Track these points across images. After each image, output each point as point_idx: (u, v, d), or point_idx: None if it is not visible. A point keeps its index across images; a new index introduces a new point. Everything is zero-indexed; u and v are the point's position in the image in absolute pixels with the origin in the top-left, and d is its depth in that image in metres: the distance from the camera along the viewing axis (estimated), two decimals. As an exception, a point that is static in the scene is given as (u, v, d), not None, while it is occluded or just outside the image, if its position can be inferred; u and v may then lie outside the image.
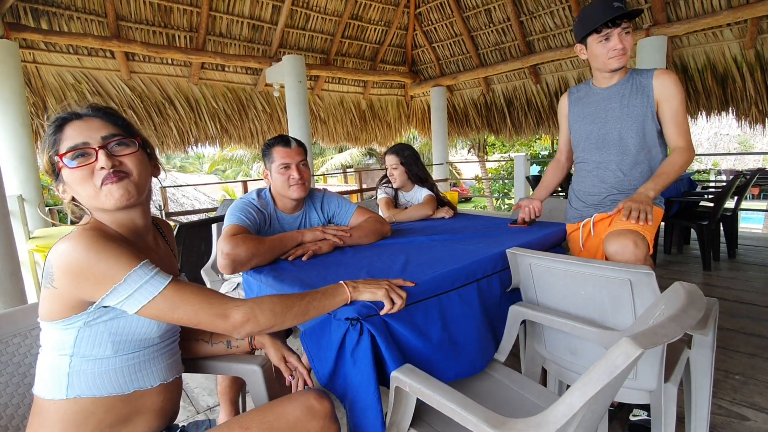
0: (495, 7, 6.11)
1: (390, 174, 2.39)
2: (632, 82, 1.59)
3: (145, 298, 0.77)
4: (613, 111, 1.61)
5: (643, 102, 1.56)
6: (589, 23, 1.55)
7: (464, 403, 0.77)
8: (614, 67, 1.56)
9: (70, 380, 0.81)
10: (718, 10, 4.52)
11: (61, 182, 0.84)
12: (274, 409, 0.86)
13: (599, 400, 0.68)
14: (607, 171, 1.64)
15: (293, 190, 1.57)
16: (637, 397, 1.14)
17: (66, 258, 0.74)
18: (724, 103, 5.26)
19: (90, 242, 0.75)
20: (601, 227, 1.63)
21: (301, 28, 6.08)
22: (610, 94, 1.62)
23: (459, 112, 7.94)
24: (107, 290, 0.75)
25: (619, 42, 1.52)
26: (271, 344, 1.11)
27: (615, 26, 1.51)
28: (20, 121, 3.80)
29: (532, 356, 1.38)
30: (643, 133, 1.58)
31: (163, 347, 0.92)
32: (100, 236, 0.77)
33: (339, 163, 18.81)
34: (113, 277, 0.75)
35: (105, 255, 0.74)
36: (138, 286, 0.76)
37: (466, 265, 1.25)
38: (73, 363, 0.81)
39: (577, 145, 1.76)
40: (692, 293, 0.80)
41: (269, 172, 1.61)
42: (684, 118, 1.53)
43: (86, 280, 0.74)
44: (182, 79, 5.65)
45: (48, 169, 0.84)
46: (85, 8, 4.56)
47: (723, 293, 2.88)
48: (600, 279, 1.10)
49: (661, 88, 1.54)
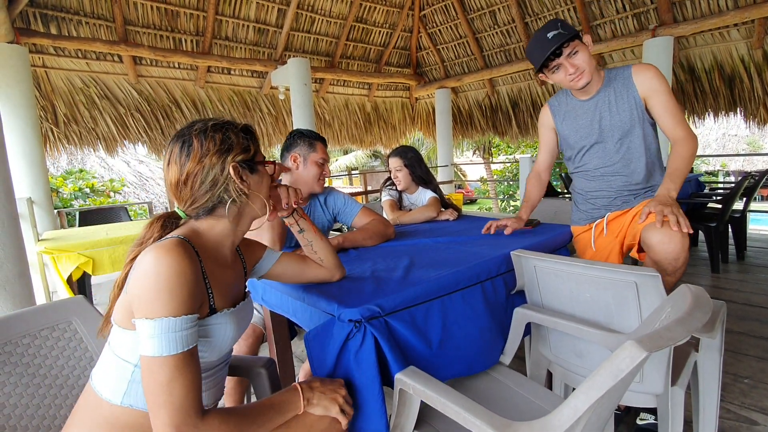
0: (500, 8, 6.12)
1: (394, 176, 2.39)
2: (613, 87, 1.56)
3: (153, 350, 0.72)
4: (605, 120, 1.58)
5: (630, 104, 1.54)
6: (534, 61, 1.55)
7: (468, 406, 0.77)
8: (580, 87, 1.54)
9: (129, 388, 0.82)
10: (725, 10, 4.49)
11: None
12: None
13: (604, 404, 0.68)
14: (613, 176, 1.63)
15: (320, 185, 1.72)
16: (644, 400, 1.12)
17: (145, 267, 0.75)
18: (731, 104, 5.22)
19: (181, 266, 0.75)
20: (615, 226, 1.61)
21: (306, 31, 6.12)
22: (596, 104, 1.60)
23: (464, 113, 7.94)
24: (140, 316, 0.74)
25: (570, 66, 1.50)
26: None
27: (558, 56, 1.49)
28: (30, 125, 3.85)
29: (537, 359, 1.37)
30: (639, 133, 1.56)
31: (216, 371, 0.93)
32: (190, 265, 0.76)
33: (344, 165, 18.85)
34: (152, 309, 0.73)
35: (167, 285, 0.74)
36: (159, 332, 0.72)
37: (470, 267, 1.25)
38: (136, 373, 0.82)
39: (572, 155, 1.74)
40: (699, 296, 0.80)
41: (303, 159, 1.69)
42: (676, 107, 1.49)
43: (139, 295, 0.74)
44: (189, 83, 5.70)
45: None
46: (93, 13, 4.62)
47: (732, 296, 2.85)
48: (605, 281, 1.09)
49: (643, 83, 1.51)
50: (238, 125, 0.93)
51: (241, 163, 0.90)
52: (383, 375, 0.97)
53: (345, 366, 0.99)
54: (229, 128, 0.90)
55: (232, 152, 0.88)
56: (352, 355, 0.97)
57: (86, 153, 5.37)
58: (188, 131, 0.89)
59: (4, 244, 2.20)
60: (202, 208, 0.89)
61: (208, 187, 0.87)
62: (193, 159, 0.86)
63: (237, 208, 0.91)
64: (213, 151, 0.87)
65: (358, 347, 0.96)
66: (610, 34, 5.40)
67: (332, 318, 1.02)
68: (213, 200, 0.88)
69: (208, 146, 0.87)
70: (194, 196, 0.88)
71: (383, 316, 1.01)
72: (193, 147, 0.87)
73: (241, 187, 0.89)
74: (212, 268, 0.88)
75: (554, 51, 1.47)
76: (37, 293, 2.72)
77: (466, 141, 9.13)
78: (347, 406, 0.92)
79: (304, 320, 1.20)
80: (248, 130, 0.94)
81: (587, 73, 1.51)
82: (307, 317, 1.17)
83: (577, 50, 1.49)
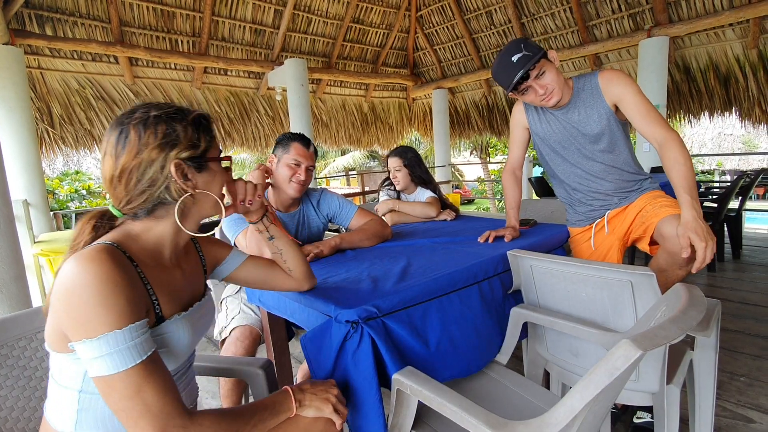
0: (496, 9, 6.13)
1: (393, 176, 2.39)
2: (582, 97, 1.55)
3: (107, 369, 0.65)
4: (579, 129, 1.57)
5: (599, 113, 1.52)
6: (502, 85, 1.53)
7: (465, 406, 0.77)
8: (551, 105, 1.53)
9: (78, 417, 0.75)
10: (720, 10, 4.51)
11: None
12: None
13: (600, 402, 0.68)
14: (602, 179, 1.62)
15: (291, 187, 1.63)
16: (639, 399, 1.13)
17: (66, 282, 0.66)
18: (727, 103, 5.24)
19: (108, 273, 0.66)
20: (615, 223, 1.62)
21: (303, 32, 6.11)
22: (568, 117, 1.58)
23: (461, 114, 7.95)
24: (78, 339, 0.65)
25: (539, 88, 1.48)
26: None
27: (526, 79, 1.46)
28: (25, 126, 3.83)
29: (533, 358, 1.38)
30: (615, 137, 1.55)
31: (181, 375, 0.87)
32: (119, 268, 0.68)
33: (341, 165, 18.84)
34: (90, 328, 0.64)
35: (100, 298, 0.65)
36: (107, 351, 0.64)
37: (467, 267, 1.25)
38: (82, 399, 0.74)
39: (550, 162, 1.72)
40: (693, 294, 0.80)
41: (277, 160, 1.65)
42: (649, 106, 1.45)
43: (68, 315, 0.66)
44: (185, 84, 5.69)
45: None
46: (89, 14, 4.61)
47: (727, 294, 2.86)
48: (601, 280, 1.10)
49: (610, 90, 1.49)
50: (189, 114, 0.80)
51: (187, 161, 0.78)
52: (381, 376, 0.97)
53: (343, 367, 0.99)
54: (176, 119, 0.77)
55: (177, 148, 0.76)
56: (349, 356, 0.97)
57: (82, 154, 5.32)
58: (128, 119, 0.76)
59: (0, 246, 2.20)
60: (139, 209, 0.78)
61: (145, 186, 0.75)
62: (129, 153, 0.74)
63: (181, 209, 0.80)
64: (153, 145, 0.75)
65: (356, 348, 0.96)
66: (606, 35, 5.42)
67: (329, 319, 1.02)
68: (151, 201, 0.77)
69: (148, 139, 0.74)
70: (129, 195, 0.76)
71: (380, 317, 1.01)
72: (129, 139, 0.74)
73: (184, 188, 0.78)
74: (154, 273, 0.78)
75: (520, 76, 1.44)
76: (33, 296, 2.71)
77: (463, 141, 9.13)
78: (341, 406, 0.88)
79: (301, 321, 1.20)
80: (200, 122, 0.81)
81: (557, 92, 1.49)
82: (305, 318, 1.18)
83: (544, 70, 1.46)
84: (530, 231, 1.75)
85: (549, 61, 1.48)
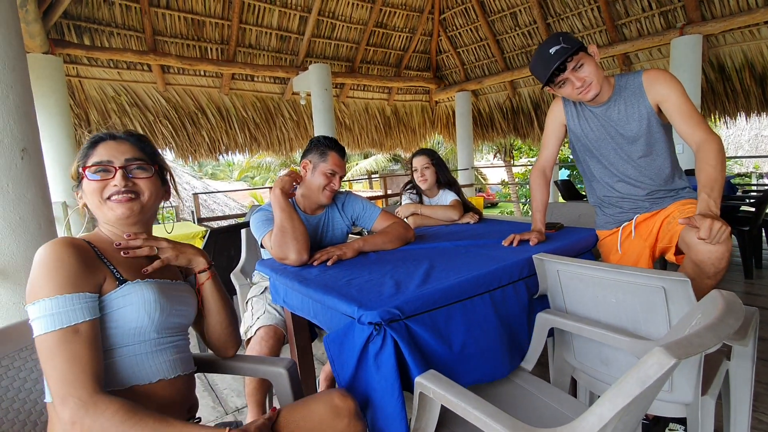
0: (521, 10, 6.06)
1: (421, 174, 2.36)
2: (624, 96, 1.52)
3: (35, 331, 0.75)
4: (618, 129, 1.54)
5: (641, 113, 1.49)
6: (539, 77, 1.51)
7: (490, 412, 0.76)
8: (588, 99, 1.50)
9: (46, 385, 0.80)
10: (755, 7, 4.33)
11: (80, 189, 0.94)
12: (300, 409, 0.88)
13: (631, 412, 0.66)
14: (635, 182, 1.59)
15: (325, 196, 1.67)
16: (672, 410, 1.09)
17: (36, 258, 0.79)
18: (764, 104, 5.03)
19: (57, 252, 0.79)
20: (644, 229, 1.57)
21: (327, 37, 6.20)
22: (607, 112, 1.55)
23: (484, 116, 7.88)
24: (26, 304, 0.77)
25: (576, 80, 1.46)
26: None
27: (563, 71, 1.45)
28: (65, 132, 4.03)
29: (560, 365, 1.34)
30: (654, 139, 1.52)
31: (164, 343, 0.91)
32: (70, 249, 0.81)
33: (364, 168, 18.92)
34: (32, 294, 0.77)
35: (44, 270, 0.78)
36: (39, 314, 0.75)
37: (491, 270, 1.23)
38: None
39: (587, 160, 1.69)
40: (730, 301, 0.77)
41: (312, 167, 1.68)
42: (691, 108, 1.42)
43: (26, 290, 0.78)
44: (214, 90, 5.86)
45: (74, 175, 0.95)
46: (124, 24, 4.82)
47: (765, 302, 2.72)
48: (632, 286, 1.07)
49: (653, 90, 1.46)
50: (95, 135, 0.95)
51: (78, 172, 0.93)
52: (403, 378, 0.97)
53: (365, 369, 1.00)
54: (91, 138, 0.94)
55: (76, 161, 0.93)
56: (372, 357, 0.98)
57: (117, 159, 5.51)
58: None
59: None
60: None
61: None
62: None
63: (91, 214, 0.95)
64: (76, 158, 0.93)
65: (378, 350, 0.97)
66: (636, 33, 5.27)
67: (352, 321, 1.03)
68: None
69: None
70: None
71: (403, 319, 1.01)
72: None
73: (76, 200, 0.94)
74: (115, 253, 0.91)
75: (558, 66, 1.43)
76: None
77: (487, 144, 9.04)
78: None
79: (324, 322, 1.21)
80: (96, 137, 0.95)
81: (595, 85, 1.47)
82: (328, 320, 1.19)
83: (582, 63, 1.45)
84: (556, 235, 1.71)
85: (588, 55, 1.47)
